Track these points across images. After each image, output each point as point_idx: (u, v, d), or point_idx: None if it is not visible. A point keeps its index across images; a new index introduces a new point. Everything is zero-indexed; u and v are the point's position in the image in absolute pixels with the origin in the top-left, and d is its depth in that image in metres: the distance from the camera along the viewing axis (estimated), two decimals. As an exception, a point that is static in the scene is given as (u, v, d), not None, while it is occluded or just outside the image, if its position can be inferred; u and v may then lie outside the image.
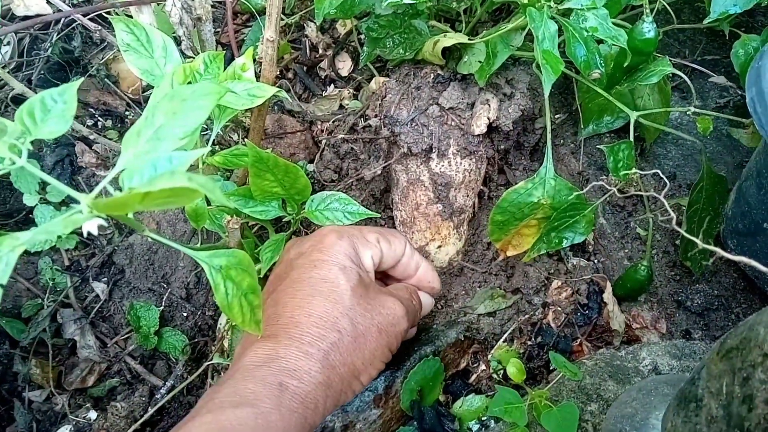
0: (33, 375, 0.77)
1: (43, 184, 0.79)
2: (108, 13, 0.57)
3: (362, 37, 0.91)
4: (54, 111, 0.37)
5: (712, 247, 0.31)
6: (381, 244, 0.59)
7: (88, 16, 0.57)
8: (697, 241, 0.35)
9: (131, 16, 0.61)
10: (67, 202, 0.82)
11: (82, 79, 0.42)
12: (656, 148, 0.82)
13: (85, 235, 0.40)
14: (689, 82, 0.62)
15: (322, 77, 0.97)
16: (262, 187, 0.61)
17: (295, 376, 0.47)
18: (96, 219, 0.35)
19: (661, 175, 0.51)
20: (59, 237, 0.73)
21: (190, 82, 0.55)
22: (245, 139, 0.74)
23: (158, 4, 0.59)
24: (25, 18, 0.67)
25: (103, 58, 0.92)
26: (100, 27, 0.55)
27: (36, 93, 0.75)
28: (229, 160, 0.61)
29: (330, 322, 0.50)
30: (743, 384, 0.37)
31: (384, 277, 0.65)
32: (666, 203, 0.43)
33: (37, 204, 0.77)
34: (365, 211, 0.63)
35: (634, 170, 0.60)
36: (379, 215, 0.72)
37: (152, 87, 0.97)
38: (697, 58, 0.86)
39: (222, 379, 0.51)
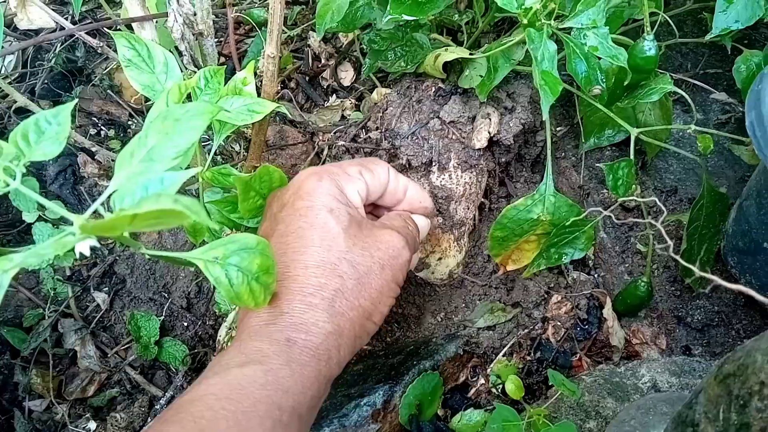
0: (33, 385, 0.77)
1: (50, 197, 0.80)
2: (110, 28, 0.57)
3: (364, 47, 0.92)
4: (48, 133, 0.37)
5: (710, 276, 0.31)
6: (364, 175, 0.55)
7: (89, 31, 0.57)
8: (695, 269, 0.35)
9: (132, 29, 0.62)
10: (66, 219, 0.82)
11: (75, 101, 0.43)
12: (657, 161, 0.82)
13: (77, 256, 0.40)
14: (690, 99, 0.62)
15: (325, 87, 0.98)
16: (248, 207, 0.60)
17: (302, 329, 0.45)
18: (88, 240, 0.35)
19: (658, 202, 0.50)
20: (57, 256, 0.73)
21: (189, 98, 0.55)
22: (246, 151, 0.74)
23: (160, 20, 0.59)
24: (28, 31, 0.68)
25: (106, 68, 0.93)
26: (102, 43, 0.55)
27: (39, 104, 0.75)
28: (216, 178, 0.60)
29: (329, 269, 0.48)
30: (740, 411, 0.37)
31: (373, 208, 0.62)
32: (663, 231, 0.42)
33: (35, 221, 0.78)
34: None
35: (634, 187, 0.60)
36: None
37: (155, 97, 0.97)
38: (699, 72, 0.85)
39: (227, 347, 0.50)
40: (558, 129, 0.85)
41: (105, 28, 0.54)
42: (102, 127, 0.93)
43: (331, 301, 0.47)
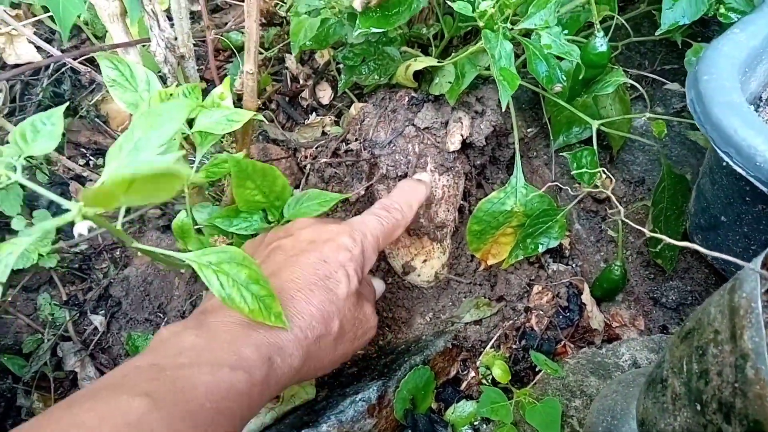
0: (36, 410, 0.79)
1: (30, 210, 0.83)
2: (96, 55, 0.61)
3: (340, 66, 0.96)
4: (43, 131, 0.40)
5: (662, 237, 0.34)
6: (380, 249, 0.62)
7: (77, 60, 0.61)
8: (647, 232, 0.38)
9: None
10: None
11: (66, 103, 0.46)
12: (624, 155, 0.86)
13: (75, 236, 0.43)
14: (643, 91, 0.66)
15: (304, 106, 1.01)
16: (245, 197, 0.63)
17: (281, 354, 0.49)
18: (86, 222, 0.38)
19: (611, 177, 0.54)
20: (41, 256, 0.75)
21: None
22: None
23: (143, 45, 0.63)
24: (16, 66, 0.71)
25: (92, 100, 0.96)
26: (89, 69, 0.59)
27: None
28: (211, 172, 0.63)
29: (323, 317, 0.53)
30: (699, 360, 0.40)
31: None
32: (618, 193, 0.46)
33: (23, 229, 0.80)
34: (336, 195, 0.66)
35: (601, 175, 0.64)
36: (349, 195, 0.75)
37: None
38: (657, 68, 0.90)
39: (206, 307, 0.52)
40: (528, 130, 0.89)
41: (92, 54, 0.58)
42: (90, 157, 0.96)
43: (311, 344, 0.52)
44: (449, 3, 0.55)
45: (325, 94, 1.02)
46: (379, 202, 0.67)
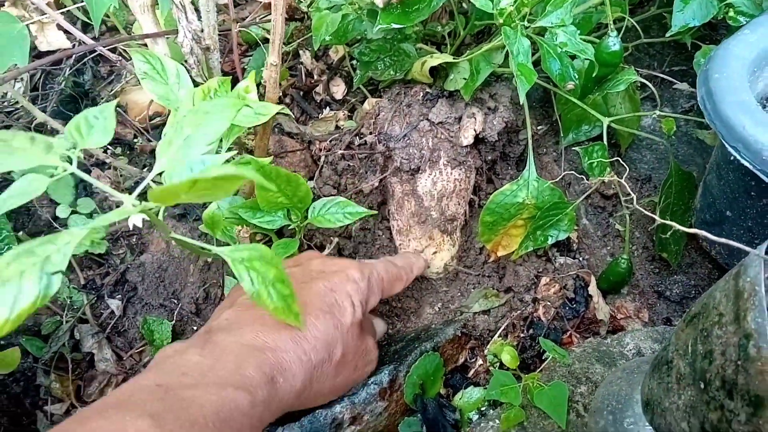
0: (53, 390, 0.81)
1: (75, 199, 0.85)
2: (127, 46, 0.63)
3: (354, 62, 0.98)
4: (97, 126, 0.42)
5: (671, 223, 0.36)
6: (383, 293, 0.65)
7: (107, 48, 0.63)
8: (657, 218, 0.40)
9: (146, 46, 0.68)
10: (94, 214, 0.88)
11: (117, 99, 0.48)
12: (632, 153, 0.88)
13: (130, 227, 0.45)
14: (654, 89, 0.68)
15: (318, 101, 1.04)
16: (267, 198, 0.66)
17: (284, 375, 0.50)
18: (140, 215, 0.40)
19: (625, 165, 0.56)
20: (92, 242, 0.78)
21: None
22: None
23: (170, 37, 0.65)
24: (48, 53, 0.73)
25: (111, 90, 0.98)
26: (120, 58, 0.61)
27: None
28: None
29: (327, 342, 0.54)
30: (704, 341, 0.42)
31: None
32: (628, 186, 0.48)
33: (69, 216, 0.83)
34: (363, 210, 0.68)
35: (609, 170, 0.66)
36: (375, 212, 0.77)
37: (158, 116, 1.02)
38: (665, 69, 0.93)
39: (211, 327, 0.54)
40: (539, 128, 0.92)
41: (121, 44, 0.60)
42: (109, 146, 0.98)
43: (313, 367, 0.53)
44: (472, 0, 0.57)
45: (338, 89, 1.05)
46: (384, 257, 0.70)
